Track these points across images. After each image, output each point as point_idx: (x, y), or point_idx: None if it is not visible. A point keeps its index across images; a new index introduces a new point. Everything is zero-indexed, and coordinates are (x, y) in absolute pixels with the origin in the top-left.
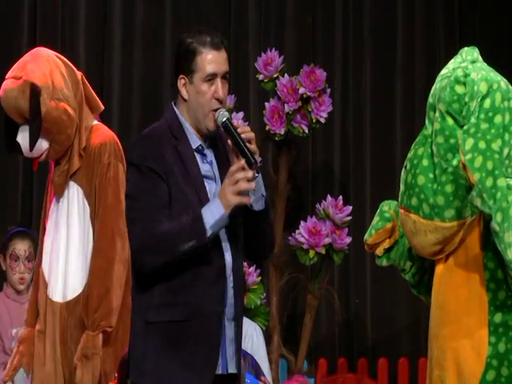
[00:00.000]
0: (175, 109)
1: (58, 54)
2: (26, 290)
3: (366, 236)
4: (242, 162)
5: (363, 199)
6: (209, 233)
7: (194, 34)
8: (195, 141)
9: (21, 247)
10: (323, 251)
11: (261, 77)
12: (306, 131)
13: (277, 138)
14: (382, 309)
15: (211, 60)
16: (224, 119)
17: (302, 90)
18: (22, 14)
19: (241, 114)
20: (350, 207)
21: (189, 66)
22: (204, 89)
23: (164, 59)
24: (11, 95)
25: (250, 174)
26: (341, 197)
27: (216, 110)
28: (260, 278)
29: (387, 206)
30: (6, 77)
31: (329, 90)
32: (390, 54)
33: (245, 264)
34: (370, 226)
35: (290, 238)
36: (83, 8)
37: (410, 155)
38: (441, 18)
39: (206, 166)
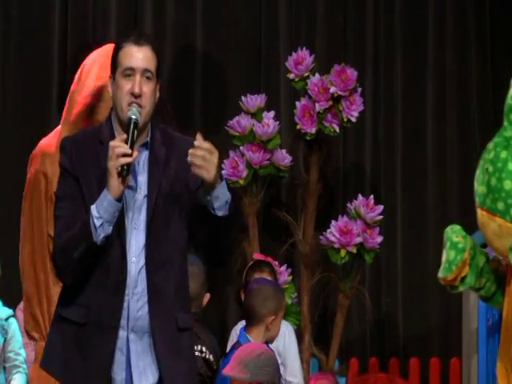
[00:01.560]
0: (112, 114)
1: None
2: None
3: (443, 273)
4: (124, 136)
5: (394, 198)
6: (97, 224)
7: (123, 34)
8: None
9: None
10: (354, 250)
11: (291, 76)
12: (337, 130)
13: (308, 138)
14: (413, 308)
15: (129, 54)
16: (132, 116)
17: (332, 89)
18: (53, 15)
19: (272, 113)
20: (381, 206)
21: (113, 63)
22: (121, 83)
23: (195, 61)
24: None
25: (125, 145)
26: (372, 196)
27: (131, 104)
28: (291, 278)
29: (455, 235)
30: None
31: (360, 89)
32: (421, 53)
33: (276, 263)
34: (445, 262)
35: (321, 237)
36: (114, 9)
37: (489, 156)
38: (471, 18)
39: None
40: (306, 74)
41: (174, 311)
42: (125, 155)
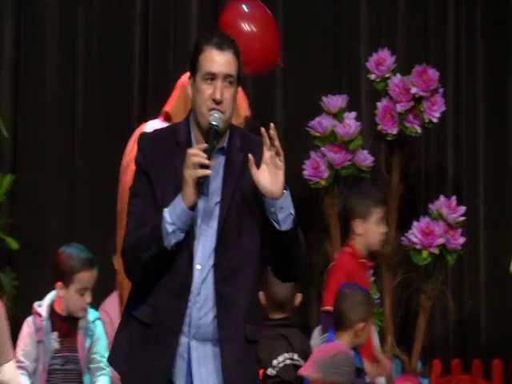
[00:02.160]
0: (191, 116)
1: None
2: None
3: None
4: (204, 145)
5: (476, 199)
6: (170, 230)
7: (205, 35)
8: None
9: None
10: (436, 251)
11: (372, 76)
12: (419, 131)
13: (389, 138)
14: (496, 309)
15: (211, 59)
16: (213, 123)
17: (414, 90)
18: (134, 15)
19: (353, 114)
20: (464, 207)
21: (194, 65)
22: (202, 88)
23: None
24: None
25: (203, 155)
26: (454, 197)
27: (212, 110)
28: (373, 279)
29: None
30: None
31: (441, 90)
32: (502, 52)
33: None
34: None
35: (402, 238)
36: (195, 8)
37: None
38: None
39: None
40: (387, 75)
41: (243, 322)
42: (202, 166)
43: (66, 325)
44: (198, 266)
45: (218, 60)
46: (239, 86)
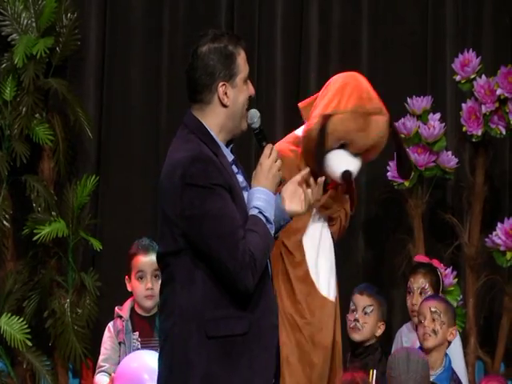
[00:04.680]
0: (202, 122)
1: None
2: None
3: None
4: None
5: None
6: (273, 228)
7: (215, 38)
8: (228, 154)
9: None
10: None
11: (458, 78)
12: (504, 132)
13: (474, 140)
14: None
15: (246, 59)
16: (258, 126)
17: (499, 91)
18: (219, 15)
19: (437, 115)
20: None
21: (230, 70)
22: (245, 89)
23: (361, 59)
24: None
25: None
26: None
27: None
28: (456, 280)
29: None
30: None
31: None
32: None
33: (441, 265)
34: None
35: (486, 239)
36: (280, 8)
37: None
38: None
39: (240, 176)
40: (473, 76)
41: None
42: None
43: (147, 324)
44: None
45: (246, 57)
46: None
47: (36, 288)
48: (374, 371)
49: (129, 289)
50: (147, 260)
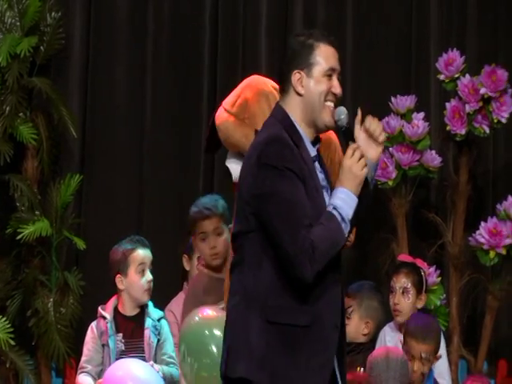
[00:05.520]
0: (288, 113)
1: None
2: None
3: None
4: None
5: None
6: (349, 226)
7: (305, 32)
8: (312, 150)
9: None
10: (504, 252)
11: (442, 77)
12: (487, 131)
13: (457, 139)
14: None
15: (331, 54)
16: (345, 124)
17: (483, 91)
18: (204, 14)
19: (421, 115)
20: None
21: (307, 60)
22: (322, 81)
23: (345, 59)
24: (233, 134)
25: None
26: None
27: (331, 104)
28: (440, 279)
29: None
30: (223, 105)
31: (510, 90)
32: None
33: (425, 264)
34: None
35: (470, 238)
36: (265, 8)
37: None
38: None
39: (321, 175)
40: (457, 75)
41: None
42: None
43: (131, 325)
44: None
45: (336, 57)
46: None
47: (19, 287)
48: (361, 369)
49: (121, 288)
50: (147, 254)
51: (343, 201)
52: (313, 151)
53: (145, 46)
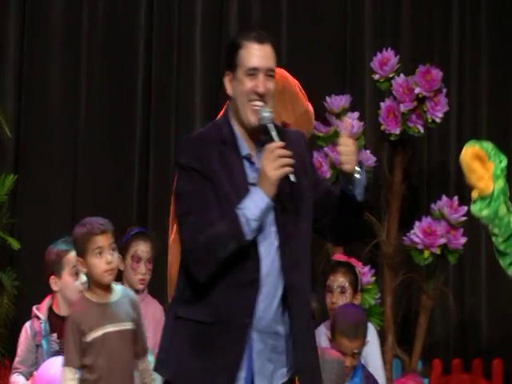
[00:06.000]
0: (229, 112)
1: None
2: (143, 290)
3: None
4: (281, 143)
5: None
6: (254, 226)
7: (241, 31)
8: (244, 148)
9: (143, 249)
10: (438, 251)
11: (376, 76)
12: (422, 131)
13: (392, 138)
14: (497, 309)
15: (253, 53)
16: (268, 122)
17: (417, 90)
18: (139, 13)
19: (356, 114)
20: (466, 207)
21: (233, 60)
22: (245, 82)
23: (280, 58)
24: None
25: (288, 152)
26: (456, 197)
27: (255, 104)
28: (374, 278)
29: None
30: None
31: (445, 90)
32: (506, 52)
33: (359, 264)
34: None
35: (404, 238)
36: (200, 7)
37: None
38: None
39: (254, 173)
40: (391, 75)
41: (309, 306)
42: (288, 165)
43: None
44: (263, 258)
45: (260, 54)
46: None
47: None
48: None
49: (55, 289)
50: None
51: (252, 200)
52: (245, 150)
53: (79, 45)
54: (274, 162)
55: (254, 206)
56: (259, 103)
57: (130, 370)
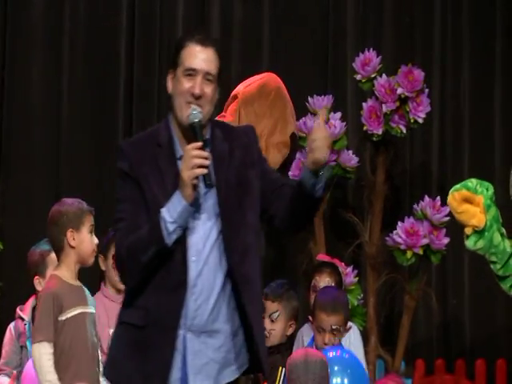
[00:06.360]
0: (170, 116)
1: None
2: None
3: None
4: (199, 143)
5: None
6: (171, 229)
7: (188, 32)
8: (179, 150)
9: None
10: (421, 252)
11: (358, 77)
12: (404, 131)
13: (374, 139)
14: (480, 309)
15: (194, 54)
16: (194, 120)
17: (399, 91)
18: (121, 14)
19: (338, 114)
20: (448, 208)
21: (175, 60)
22: (182, 82)
23: (261, 61)
24: None
25: (205, 154)
26: (438, 197)
27: (189, 104)
28: (357, 279)
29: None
30: None
31: (427, 90)
32: (488, 53)
33: (342, 264)
34: None
35: (387, 238)
36: (181, 7)
37: None
38: None
39: None
40: (373, 75)
41: (261, 298)
42: (201, 166)
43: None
44: (192, 258)
45: (200, 56)
46: (218, 84)
47: None
48: (283, 369)
49: (39, 289)
50: None
51: (172, 203)
52: (180, 152)
53: (61, 45)
54: (187, 163)
55: (173, 208)
56: (194, 106)
57: (96, 352)
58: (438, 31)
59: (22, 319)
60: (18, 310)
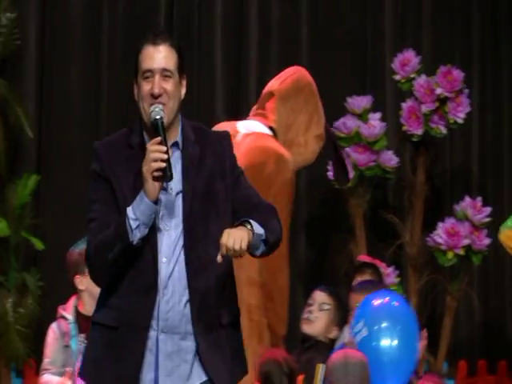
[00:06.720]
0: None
1: None
2: None
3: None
4: (158, 138)
5: (502, 200)
6: (134, 225)
7: (144, 36)
8: None
9: None
10: (462, 252)
11: (397, 77)
12: (444, 132)
13: (414, 139)
14: None
15: (147, 56)
16: (156, 117)
17: (439, 91)
18: (159, 14)
19: (378, 115)
20: (489, 208)
21: (135, 67)
22: (142, 86)
23: (300, 61)
24: None
25: (163, 148)
26: (479, 198)
27: (151, 104)
28: (399, 279)
29: None
30: None
31: (466, 91)
32: None
33: (383, 265)
34: None
35: (428, 238)
36: (220, 7)
37: None
38: None
39: None
40: (412, 76)
41: (216, 310)
42: (160, 160)
43: None
44: (163, 260)
45: (154, 56)
46: (183, 77)
47: None
48: (323, 366)
49: (81, 288)
50: None
51: (136, 201)
52: None
53: (99, 45)
54: (146, 158)
55: (136, 205)
56: (155, 105)
57: None
58: (476, 31)
59: (65, 318)
60: (59, 309)
